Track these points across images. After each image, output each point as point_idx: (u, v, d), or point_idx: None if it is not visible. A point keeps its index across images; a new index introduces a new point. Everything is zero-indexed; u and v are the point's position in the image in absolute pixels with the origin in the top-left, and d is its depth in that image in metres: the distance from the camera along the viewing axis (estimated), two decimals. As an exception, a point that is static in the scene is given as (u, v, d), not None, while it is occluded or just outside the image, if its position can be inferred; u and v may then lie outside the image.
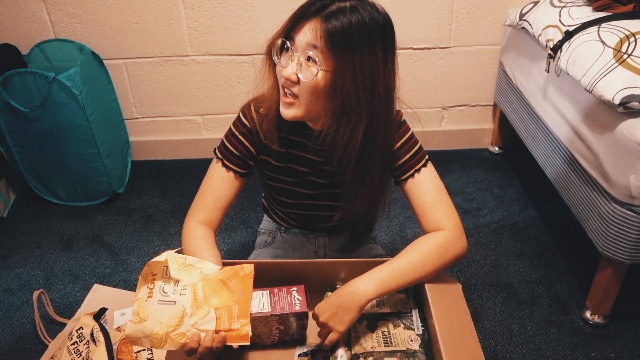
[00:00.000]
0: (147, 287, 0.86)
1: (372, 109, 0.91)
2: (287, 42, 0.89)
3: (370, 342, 0.95)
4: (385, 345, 0.94)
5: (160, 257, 0.87)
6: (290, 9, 0.91)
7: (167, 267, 0.87)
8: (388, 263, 0.96)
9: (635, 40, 1.30)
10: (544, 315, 1.49)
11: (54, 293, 1.60)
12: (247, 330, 0.85)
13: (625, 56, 1.26)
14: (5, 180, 2.00)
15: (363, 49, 0.86)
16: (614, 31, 1.36)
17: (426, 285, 0.96)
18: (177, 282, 0.87)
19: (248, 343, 0.84)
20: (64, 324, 1.46)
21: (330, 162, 1.04)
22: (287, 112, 0.94)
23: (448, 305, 0.93)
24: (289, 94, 0.92)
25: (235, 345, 0.85)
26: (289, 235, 1.28)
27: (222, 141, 1.06)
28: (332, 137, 0.94)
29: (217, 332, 0.84)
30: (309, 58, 0.87)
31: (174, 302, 0.85)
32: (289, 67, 0.89)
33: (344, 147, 0.93)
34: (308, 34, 0.86)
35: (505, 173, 2.11)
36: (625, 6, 1.49)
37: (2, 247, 1.80)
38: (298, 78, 0.89)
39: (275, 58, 0.92)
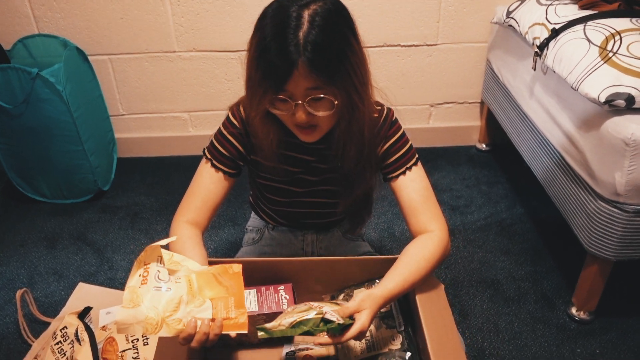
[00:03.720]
0: (140, 274, 0.85)
1: (365, 95, 0.93)
2: (282, 94, 0.88)
3: (354, 351, 0.95)
4: (368, 351, 0.94)
5: (162, 242, 0.86)
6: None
7: (160, 256, 0.87)
8: (384, 280, 0.94)
9: (621, 38, 1.31)
10: (530, 311, 1.50)
11: (38, 292, 1.58)
12: (245, 319, 0.85)
13: (610, 54, 1.27)
14: (-13, 177, 1.97)
15: (347, 55, 0.87)
16: (599, 29, 1.36)
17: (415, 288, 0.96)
18: (172, 271, 0.86)
19: (246, 331, 0.84)
20: (48, 323, 1.44)
21: (322, 159, 1.05)
22: (311, 138, 0.96)
23: (434, 307, 0.93)
24: (307, 128, 0.93)
25: (232, 334, 0.85)
26: (276, 233, 1.27)
27: (211, 141, 1.05)
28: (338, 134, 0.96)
29: (213, 320, 0.84)
30: (314, 99, 0.88)
31: (170, 288, 0.84)
32: (297, 114, 0.89)
33: (342, 137, 0.96)
34: (301, 82, 0.85)
35: (493, 170, 2.12)
36: (611, 4, 1.50)
37: (-15, 245, 1.78)
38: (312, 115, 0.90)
39: (275, 111, 0.91)
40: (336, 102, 0.89)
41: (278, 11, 0.87)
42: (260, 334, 0.83)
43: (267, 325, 0.83)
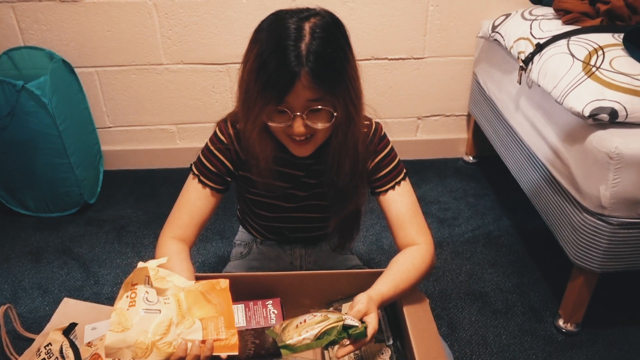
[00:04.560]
0: (128, 296, 0.83)
1: (360, 108, 0.95)
2: (281, 106, 0.88)
3: None
4: None
5: (151, 262, 0.85)
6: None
7: (148, 276, 0.86)
8: (377, 285, 0.93)
9: (604, 53, 1.33)
10: (518, 324, 1.50)
11: (22, 307, 1.56)
12: (236, 340, 0.84)
13: (594, 69, 1.29)
14: (-29, 190, 1.94)
15: (346, 68, 0.88)
16: (583, 44, 1.39)
17: (403, 302, 0.96)
18: (160, 290, 0.85)
19: (237, 353, 0.84)
20: (32, 340, 1.42)
21: (311, 174, 1.05)
22: (305, 152, 0.96)
23: (420, 321, 0.93)
24: (302, 140, 0.93)
25: (223, 355, 0.84)
26: (264, 247, 1.27)
27: (199, 157, 1.05)
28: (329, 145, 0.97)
29: (203, 342, 0.83)
30: (313, 110, 0.88)
31: (159, 310, 0.83)
32: (295, 125, 0.89)
33: (338, 150, 0.96)
34: (302, 93, 0.85)
35: (480, 182, 2.14)
36: (594, 20, 1.53)
37: (-33, 260, 1.75)
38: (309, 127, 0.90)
39: (271, 124, 0.91)
40: (335, 114, 0.89)
41: (277, 24, 0.87)
42: (284, 352, 0.81)
43: (291, 342, 0.81)
